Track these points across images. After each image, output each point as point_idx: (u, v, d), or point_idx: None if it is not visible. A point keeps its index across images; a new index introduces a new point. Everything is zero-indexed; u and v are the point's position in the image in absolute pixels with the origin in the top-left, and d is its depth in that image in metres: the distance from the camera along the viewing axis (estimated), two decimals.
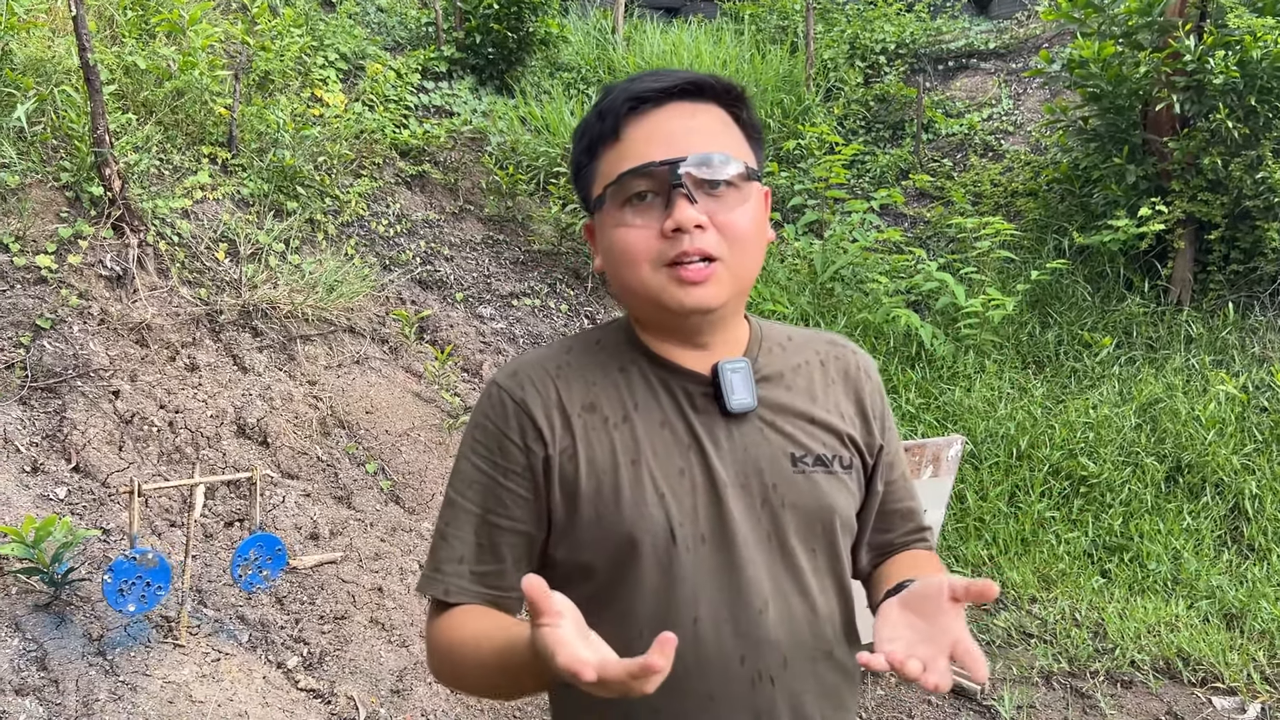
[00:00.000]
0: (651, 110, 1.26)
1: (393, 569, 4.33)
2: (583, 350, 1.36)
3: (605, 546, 1.27)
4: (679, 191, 1.21)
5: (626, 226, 1.25)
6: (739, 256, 1.26)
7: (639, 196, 1.25)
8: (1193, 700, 4.16)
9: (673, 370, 1.32)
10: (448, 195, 7.24)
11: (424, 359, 5.76)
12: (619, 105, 1.27)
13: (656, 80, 1.27)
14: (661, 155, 1.23)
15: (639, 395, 1.32)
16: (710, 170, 1.23)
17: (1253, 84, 6.50)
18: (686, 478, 1.27)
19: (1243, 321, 6.65)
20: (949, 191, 8.72)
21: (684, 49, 9.21)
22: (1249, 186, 6.48)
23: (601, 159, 1.29)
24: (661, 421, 1.30)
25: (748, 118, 1.33)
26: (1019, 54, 10.34)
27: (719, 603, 1.25)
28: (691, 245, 1.21)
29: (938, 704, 4.15)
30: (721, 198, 1.24)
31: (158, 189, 5.43)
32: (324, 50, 7.44)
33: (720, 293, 1.25)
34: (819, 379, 1.39)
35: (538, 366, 1.34)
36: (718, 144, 1.25)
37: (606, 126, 1.28)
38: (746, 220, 1.26)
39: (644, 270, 1.25)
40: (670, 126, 1.25)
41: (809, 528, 1.31)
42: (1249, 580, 4.95)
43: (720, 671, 1.25)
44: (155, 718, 3.16)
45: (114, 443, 4.28)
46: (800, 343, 1.43)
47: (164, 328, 4.86)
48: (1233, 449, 5.67)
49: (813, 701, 1.30)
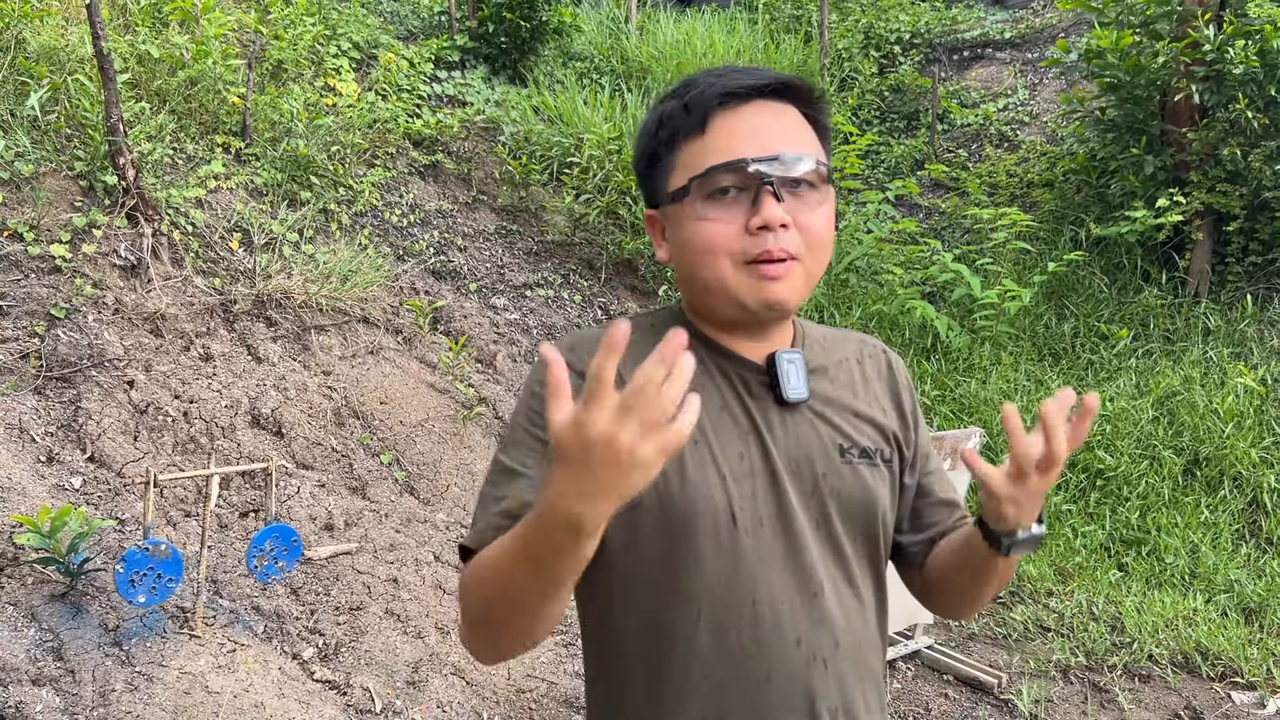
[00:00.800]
0: (739, 106, 1.27)
1: (408, 560, 4.32)
2: (643, 331, 1.35)
3: (666, 525, 1.26)
4: (767, 190, 1.23)
5: (709, 220, 1.26)
6: (815, 257, 1.29)
7: (722, 191, 1.26)
8: (1211, 695, 4.13)
9: (730, 357, 1.34)
10: (461, 185, 7.22)
11: (438, 350, 5.75)
12: (708, 99, 1.27)
13: (747, 77, 1.28)
14: (751, 153, 1.24)
15: (699, 379, 1.31)
16: (797, 171, 1.25)
17: (1273, 74, 6.44)
18: (746, 461, 1.29)
19: (1261, 314, 6.59)
20: (964, 182, 8.66)
21: (697, 39, 9.16)
22: (1269, 178, 6.42)
23: (682, 150, 1.29)
24: (721, 405, 1.32)
25: (823, 120, 1.35)
26: (1035, 43, 10.26)
27: (777, 585, 1.27)
28: (775, 244, 1.23)
29: (955, 698, 4.13)
30: (803, 198, 1.26)
31: (171, 178, 5.42)
32: (337, 39, 7.42)
33: (795, 291, 1.27)
34: (858, 375, 1.43)
35: (594, 342, 1.32)
36: (802, 145, 1.28)
37: (693, 119, 1.28)
38: (824, 222, 1.29)
39: (724, 265, 1.26)
40: (758, 123, 1.27)
41: (853, 518, 1.33)
42: (1268, 574, 4.91)
43: (778, 652, 1.27)
44: (171, 708, 3.16)
45: (129, 433, 4.28)
46: (835, 340, 1.46)
47: (178, 317, 4.85)
48: (1251, 442, 5.63)
49: (857, 685, 1.33)
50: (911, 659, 4.39)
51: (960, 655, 4.36)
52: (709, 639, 1.27)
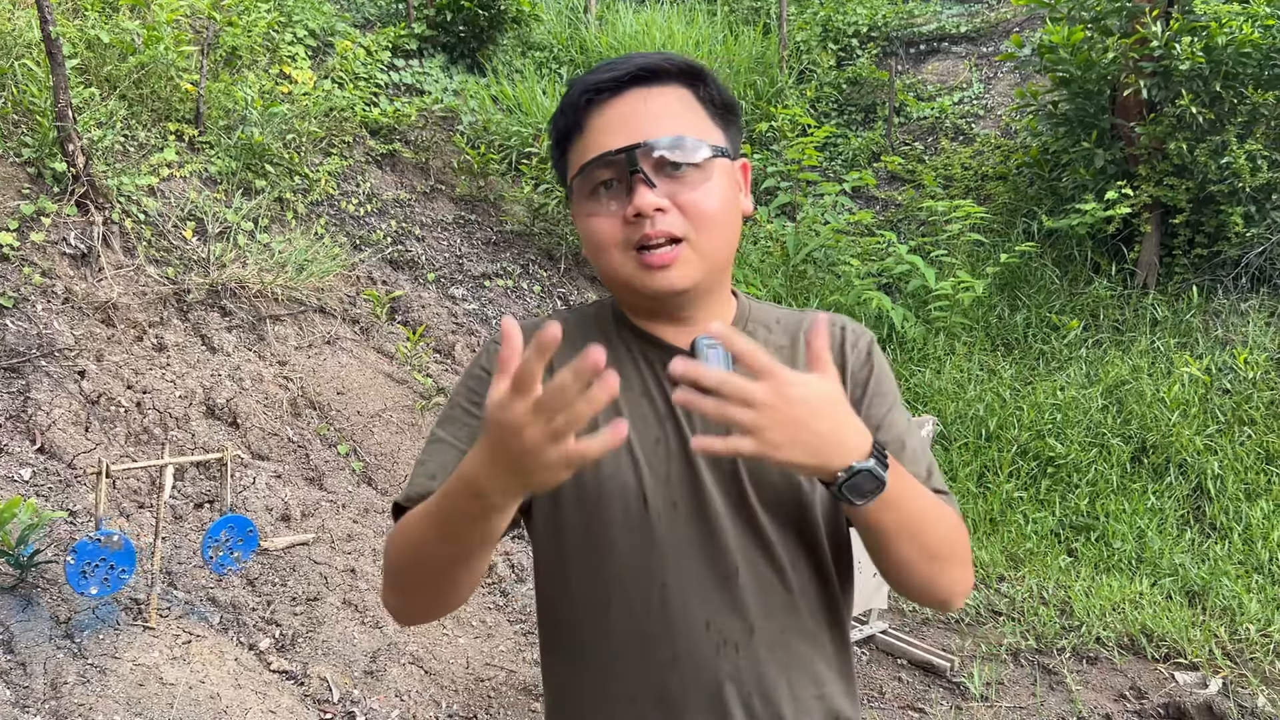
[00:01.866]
0: (609, 99, 1.29)
1: (365, 550, 4.31)
2: (577, 321, 1.41)
3: (581, 507, 1.31)
4: (637, 177, 1.24)
5: (594, 215, 1.29)
6: (706, 235, 1.28)
7: (605, 185, 1.28)
8: (1156, 676, 4.24)
9: (653, 343, 1.36)
10: (419, 174, 7.18)
11: (396, 340, 5.72)
12: (577, 99, 1.31)
13: (611, 70, 1.30)
14: (618, 143, 1.25)
15: (622, 366, 1.35)
16: (666, 153, 1.25)
17: (1218, 70, 6.58)
18: (662, 446, 1.31)
19: (1206, 305, 6.74)
20: (920, 175, 8.76)
21: (656, 29, 9.17)
22: (1213, 171, 6.56)
23: (570, 152, 1.33)
24: (641, 391, 1.34)
25: (712, 94, 1.34)
26: (990, 38, 10.39)
27: (688, 569, 1.28)
28: (653, 229, 1.24)
29: (908, 681, 4.20)
30: (683, 178, 1.26)
31: (123, 166, 5.35)
32: (292, 26, 7.34)
33: (688, 273, 1.27)
34: (801, 360, 1.38)
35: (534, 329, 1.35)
36: (676, 126, 1.27)
37: (570, 121, 1.32)
38: (711, 199, 1.27)
39: (614, 256, 1.28)
40: (625, 113, 1.28)
41: (777, 503, 1.31)
42: (1210, 558, 5.03)
43: (686, 635, 1.28)
44: (125, 700, 3.13)
45: (80, 423, 4.23)
46: (788, 324, 1.43)
47: (130, 307, 4.79)
48: (1196, 430, 5.76)
49: (778, 672, 1.31)
50: (866, 644, 4.46)
51: (914, 640, 4.44)
52: (621, 619, 1.30)
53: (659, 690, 1.30)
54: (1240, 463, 5.57)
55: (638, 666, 1.30)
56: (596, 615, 1.32)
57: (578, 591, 1.33)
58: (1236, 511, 5.32)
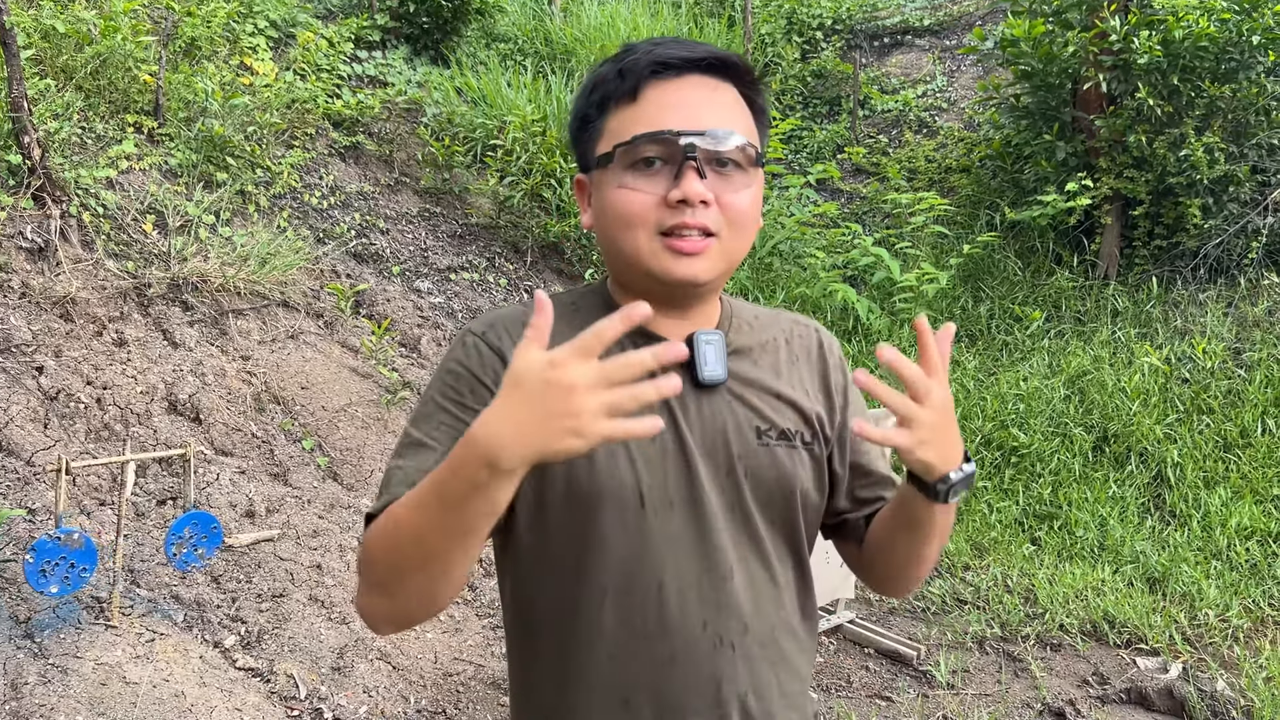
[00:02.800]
0: (673, 78, 1.26)
1: (331, 546, 4.28)
2: (562, 309, 1.34)
3: (572, 505, 1.26)
4: (690, 164, 1.21)
5: (629, 189, 1.25)
6: (735, 237, 1.27)
7: (647, 162, 1.24)
8: (1118, 661, 4.30)
9: (649, 337, 1.31)
10: (383, 167, 7.12)
11: (360, 334, 5.67)
12: (642, 67, 1.26)
13: (683, 49, 1.27)
14: (679, 124, 1.23)
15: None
16: (725, 147, 1.23)
17: (1175, 63, 6.67)
18: (658, 443, 1.28)
19: (1166, 295, 6.84)
20: (884, 167, 8.81)
21: (621, 21, 9.15)
22: (1172, 164, 6.65)
23: (612, 116, 1.28)
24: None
25: (756, 99, 1.32)
26: (953, 31, 10.46)
27: (685, 568, 1.26)
28: (693, 219, 1.23)
29: (875, 670, 4.24)
30: (729, 177, 1.25)
31: (80, 158, 5.26)
32: (253, 17, 7.24)
33: (711, 268, 1.26)
34: (784, 356, 1.40)
35: (515, 320, 1.33)
36: (733, 123, 1.26)
37: (625, 85, 1.27)
38: (748, 203, 1.27)
39: (640, 235, 1.25)
40: (690, 97, 1.25)
41: (769, 500, 1.32)
42: (1170, 545, 5.12)
43: (682, 635, 1.27)
44: (87, 700, 3.09)
45: (38, 420, 4.15)
46: (766, 321, 1.44)
47: (90, 301, 4.71)
48: (1156, 419, 5.85)
49: (769, 669, 1.31)
50: (833, 633, 4.49)
51: (880, 629, 4.47)
52: (614, 619, 1.27)
53: (656, 690, 1.28)
54: (1199, 451, 5.67)
55: (633, 668, 1.27)
56: (583, 617, 1.28)
57: (564, 592, 1.29)
58: (1195, 499, 5.41)
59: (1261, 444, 5.59)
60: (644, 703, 1.28)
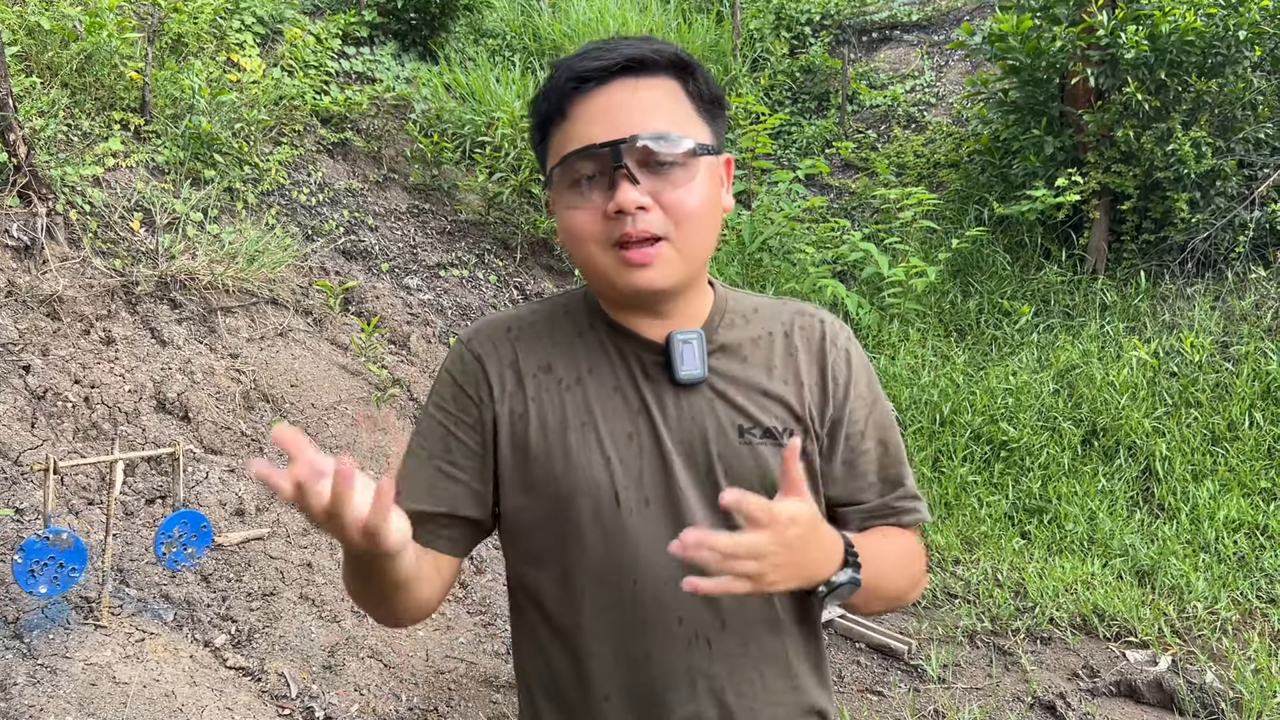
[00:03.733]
0: (595, 88, 1.25)
1: (322, 544, 4.27)
2: (547, 313, 1.38)
3: (551, 505, 1.29)
4: (620, 173, 1.20)
5: (574, 208, 1.25)
6: (687, 235, 1.25)
7: (587, 178, 1.24)
8: (1108, 654, 4.32)
9: (628, 337, 1.33)
10: (371, 163, 7.10)
11: (350, 331, 5.66)
12: (563, 84, 1.26)
13: (599, 58, 1.25)
14: (604, 136, 1.21)
15: (594, 359, 1.33)
16: (652, 149, 1.21)
17: (1162, 58, 6.68)
18: (635, 443, 1.29)
19: (1154, 289, 6.86)
20: (873, 162, 8.82)
21: (610, 17, 9.13)
22: (1159, 158, 6.67)
23: (552, 136, 1.29)
24: (614, 386, 1.32)
25: (701, 88, 1.30)
26: (941, 26, 10.48)
27: (660, 564, 1.26)
28: (634, 227, 1.21)
29: (866, 664, 4.25)
30: (667, 176, 1.23)
31: (66, 156, 5.23)
32: (240, 13, 7.21)
33: (668, 273, 1.25)
34: (780, 350, 1.37)
35: (500, 326, 1.37)
36: (664, 120, 1.24)
37: (553, 105, 1.27)
38: (694, 198, 1.24)
39: (592, 250, 1.25)
40: (611, 104, 1.24)
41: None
42: (1159, 538, 5.14)
43: (659, 631, 1.28)
44: (77, 700, 3.07)
45: (25, 419, 4.13)
46: (767, 313, 1.40)
47: (77, 300, 4.69)
48: (1144, 413, 5.87)
49: (752, 666, 1.31)
50: (825, 628, 4.49)
51: (871, 624, 4.48)
52: (592, 616, 1.29)
53: (632, 686, 1.29)
54: (1187, 444, 5.69)
55: (612, 663, 1.29)
56: (566, 613, 1.31)
57: (549, 589, 1.32)
58: (1184, 492, 5.43)
59: (1249, 437, 5.62)
60: (623, 698, 1.30)
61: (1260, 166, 6.90)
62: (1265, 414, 5.73)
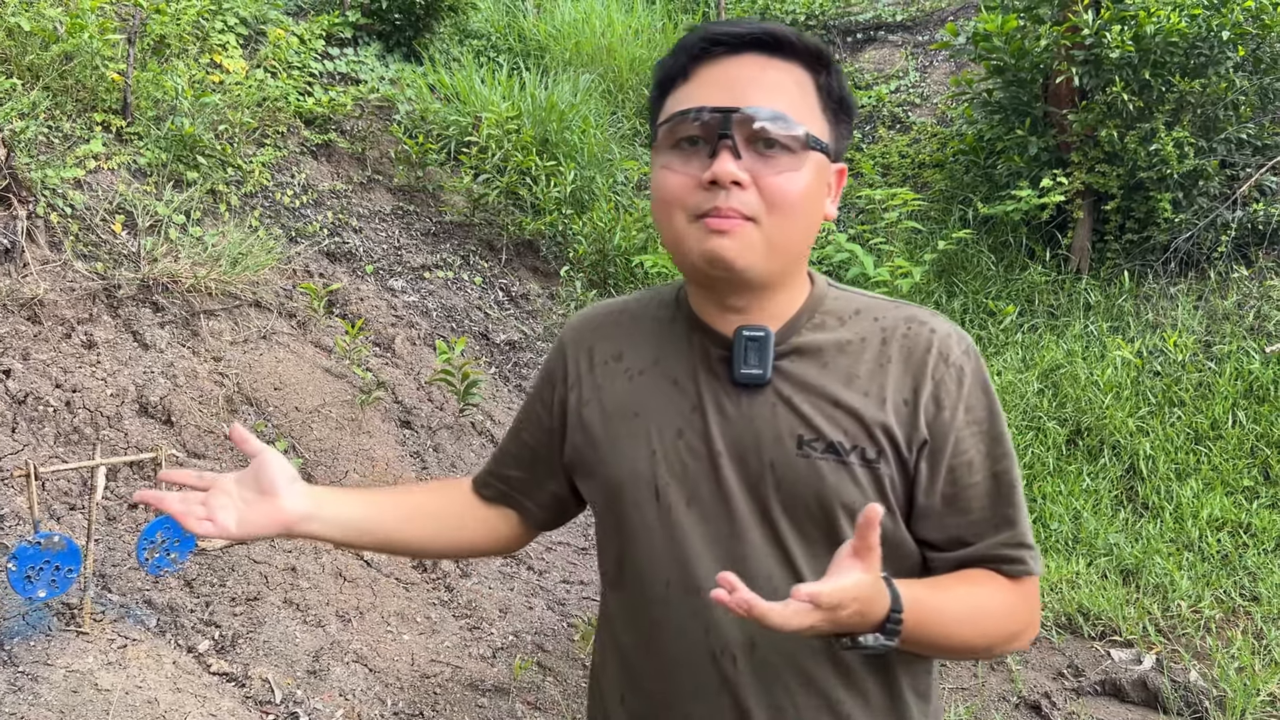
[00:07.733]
0: (725, 55, 1.20)
1: (306, 548, 4.25)
2: (645, 302, 1.40)
3: (605, 492, 1.32)
4: (724, 143, 1.15)
5: (670, 170, 1.20)
6: (778, 223, 1.17)
7: (690, 141, 1.19)
8: (1093, 653, 4.33)
9: (702, 329, 1.28)
10: (355, 165, 7.07)
11: (334, 333, 5.63)
12: (692, 45, 1.22)
13: (736, 26, 1.21)
14: (718, 102, 1.16)
15: (666, 350, 1.31)
16: (765, 125, 1.15)
17: (1146, 58, 6.71)
18: (683, 440, 1.25)
19: (1137, 289, 6.90)
20: (858, 163, 8.83)
21: (595, 17, 9.12)
22: (1143, 158, 6.70)
23: (670, 97, 1.24)
24: (674, 380, 1.28)
25: (832, 86, 1.25)
26: (926, 27, 10.50)
27: (696, 569, 1.22)
28: (726, 202, 1.15)
29: None
30: (773, 159, 1.17)
31: (47, 158, 5.19)
32: (223, 14, 7.16)
33: (746, 253, 1.17)
34: (869, 358, 1.24)
35: (591, 315, 1.42)
36: (782, 103, 1.18)
37: (677, 64, 1.23)
38: (794, 186, 1.17)
39: (677, 218, 1.19)
40: (736, 75, 1.19)
41: (804, 513, 1.21)
42: (1143, 537, 5.16)
43: (684, 638, 1.24)
44: (59, 708, 3.05)
45: (6, 424, 4.10)
46: (869, 317, 1.28)
47: (58, 303, 4.65)
48: (1129, 412, 5.89)
49: (784, 692, 1.21)
50: None
51: None
52: (622, 614, 1.30)
53: (651, 691, 1.28)
54: (1171, 443, 5.72)
55: (636, 665, 1.29)
56: (609, 608, 1.36)
57: (610, 569, 1.36)
58: (1168, 491, 5.46)
59: (1232, 436, 5.65)
60: (650, 698, 1.29)
61: (1242, 166, 6.94)
62: (1248, 413, 5.77)
